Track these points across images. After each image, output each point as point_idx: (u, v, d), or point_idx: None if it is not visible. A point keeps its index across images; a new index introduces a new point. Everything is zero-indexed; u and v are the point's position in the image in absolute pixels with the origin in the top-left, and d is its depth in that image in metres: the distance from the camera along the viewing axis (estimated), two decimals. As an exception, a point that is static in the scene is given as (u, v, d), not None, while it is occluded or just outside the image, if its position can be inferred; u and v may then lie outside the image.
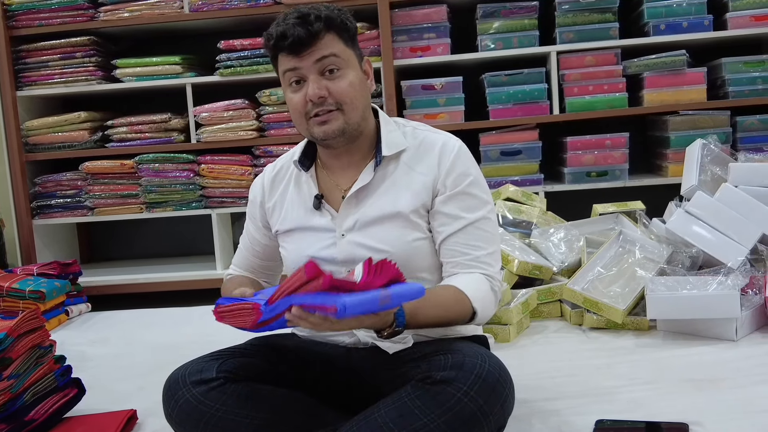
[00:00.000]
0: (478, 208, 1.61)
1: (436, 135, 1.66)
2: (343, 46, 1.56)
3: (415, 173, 1.61)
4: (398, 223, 1.59)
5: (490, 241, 1.61)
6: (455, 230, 1.59)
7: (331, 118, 1.55)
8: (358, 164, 1.65)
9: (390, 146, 1.62)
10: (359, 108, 1.58)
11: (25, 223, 3.54)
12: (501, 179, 3.33)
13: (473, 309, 1.53)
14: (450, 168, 1.60)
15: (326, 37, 1.53)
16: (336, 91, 1.54)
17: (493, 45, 3.37)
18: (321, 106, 1.55)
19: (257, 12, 3.36)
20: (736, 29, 3.27)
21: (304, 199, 1.67)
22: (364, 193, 1.62)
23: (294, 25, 1.51)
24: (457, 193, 1.60)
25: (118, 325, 2.98)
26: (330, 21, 1.53)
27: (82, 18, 3.48)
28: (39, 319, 1.85)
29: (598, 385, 1.92)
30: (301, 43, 1.51)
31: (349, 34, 1.59)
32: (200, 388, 1.48)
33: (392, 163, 1.63)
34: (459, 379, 1.36)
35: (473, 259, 1.58)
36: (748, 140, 3.31)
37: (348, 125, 1.57)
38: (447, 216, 1.59)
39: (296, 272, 1.30)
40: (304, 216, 1.66)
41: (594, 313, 2.38)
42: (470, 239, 1.59)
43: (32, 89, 3.53)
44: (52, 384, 1.86)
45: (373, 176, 1.61)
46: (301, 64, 1.53)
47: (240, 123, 3.42)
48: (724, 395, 1.80)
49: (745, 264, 2.32)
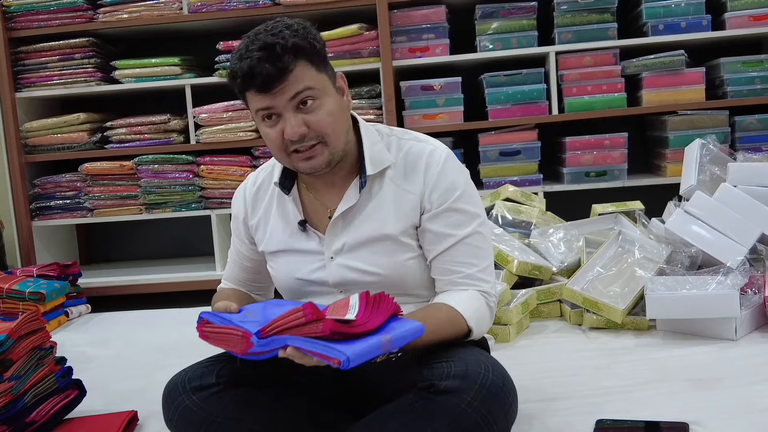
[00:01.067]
0: (467, 224, 1.56)
1: (421, 144, 1.59)
2: (315, 72, 1.45)
3: (401, 191, 1.56)
4: (388, 245, 1.56)
5: (482, 257, 1.57)
6: (445, 248, 1.55)
7: (315, 153, 1.48)
8: (342, 183, 1.58)
9: (374, 163, 1.55)
10: (342, 135, 1.51)
11: (25, 225, 3.54)
12: (500, 179, 3.33)
13: (468, 327, 1.51)
14: (435, 182, 1.54)
15: (297, 69, 1.42)
16: (316, 125, 1.45)
17: (492, 45, 3.37)
18: (302, 142, 1.46)
19: (256, 13, 3.36)
20: (735, 29, 3.27)
21: (288, 221, 1.63)
22: (351, 215, 1.57)
23: (260, 60, 1.39)
24: (444, 210, 1.55)
25: (118, 326, 2.98)
26: (298, 49, 1.42)
27: (81, 19, 3.48)
28: (39, 321, 1.85)
29: (597, 385, 1.92)
30: (272, 81, 1.40)
31: (320, 57, 1.47)
32: (200, 394, 1.48)
33: (377, 181, 1.57)
34: (463, 389, 1.35)
35: (465, 276, 1.55)
36: (747, 140, 3.32)
37: (333, 155, 1.50)
38: (435, 234, 1.55)
39: (294, 311, 1.28)
40: (290, 238, 1.62)
41: (593, 313, 2.39)
42: (461, 257, 1.55)
43: (31, 91, 3.53)
44: (53, 385, 1.86)
45: (359, 198, 1.56)
46: (274, 103, 1.44)
47: (239, 124, 3.42)
48: (723, 395, 1.81)
49: (745, 263, 2.32)
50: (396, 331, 1.31)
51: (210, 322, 1.41)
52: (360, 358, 1.24)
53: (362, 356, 1.24)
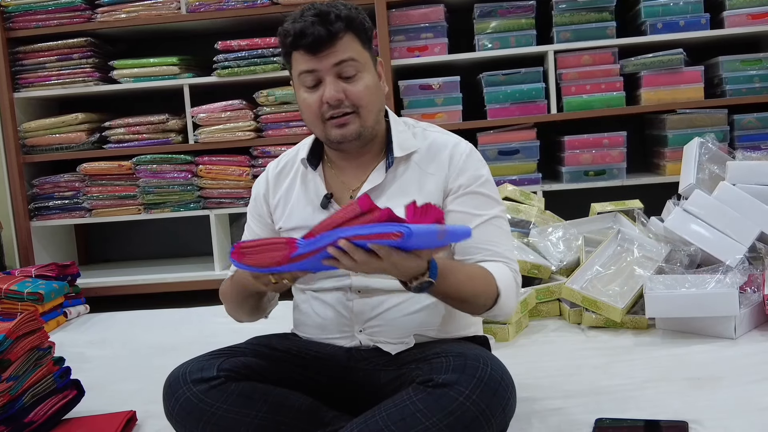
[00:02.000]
0: (492, 207, 1.60)
1: (446, 136, 1.66)
2: (361, 47, 1.54)
3: (426, 174, 1.60)
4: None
5: (507, 238, 1.61)
6: (473, 227, 1.55)
7: (347, 121, 1.54)
8: (367, 164, 1.63)
9: (402, 147, 1.61)
10: (374, 111, 1.57)
11: (23, 225, 3.53)
12: (499, 179, 3.33)
13: (498, 290, 1.50)
14: (462, 168, 1.60)
15: (345, 38, 1.50)
16: (353, 94, 1.52)
17: (491, 44, 3.37)
18: (337, 108, 1.52)
19: (254, 13, 3.36)
20: (733, 28, 3.27)
21: (310, 198, 1.65)
22: (375, 194, 1.59)
23: (313, 23, 1.47)
24: (469, 192, 1.59)
25: (116, 326, 2.97)
26: (350, 21, 1.51)
27: (79, 19, 3.47)
28: (37, 321, 1.85)
29: (597, 384, 1.92)
30: (321, 43, 1.48)
31: (367, 35, 1.56)
32: (201, 386, 1.48)
33: (403, 165, 1.61)
34: (461, 383, 1.35)
35: (493, 254, 1.56)
36: (746, 138, 3.32)
37: (364, 128, 1.55)
38: (462, 214, 1.58)
39: (345, 206, 1.28)
40: (312, 214, 1.63)
41: (593, 312, 2.38)
42: (489, 235, 1.58)
43: (29, 91, 3.52)
44: (52, 385, 1.85)
45: (384, 177, 1.60)
46: (319, 66, 1.50)
47: (238, 124, 3.42)
48: (723, 393, 1.80)
49: (744, 262, 2.32)
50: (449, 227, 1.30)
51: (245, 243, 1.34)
52: (421, 236, 1.22)
53: (423, 235, 1.23)
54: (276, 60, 3.37)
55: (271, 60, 3.37)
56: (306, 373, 1.60)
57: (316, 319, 1.65)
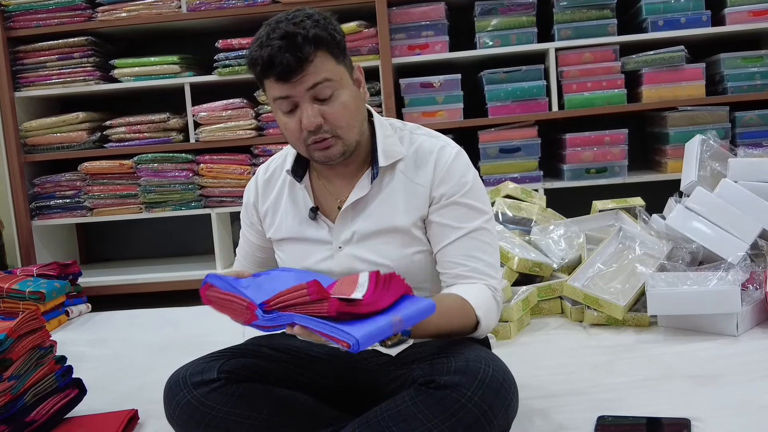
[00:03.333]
0: (474, 219, 1.56)
1: (433, 140, 1.61)
2: (334, 64, 1.47)
3: (412, 184, 1.57)
4: (397, 237, 1.57)
5: (489, 252, 1.57)
6: (450, 241, 1.55)
7: (329, 144, 1.49)
8: (353, 174, 1.60)
9: (387, 155, 1.57)
10: (356, 127, 1.53)
11: (24, 224, 3.53)
12: (500, 176, 3.33)
13: (477, 319, 1.50)
14: (444, 176, 1.56)
15: (316, 60, 1.43)
16: (331, 117, 1.47)
17: (491, 42, 3.36)
18: (317, 133, 1.48)
19: (255, 11, 3.36)
20: (734, 25, 3.27)
21: (299, 209, 1.63)
22: (361, 205, 1.58)
23: (280, 49, 1.40)
24: (451, 203, 1.56)
25: (118, 325, 2.97)
26: (318, 40, 1.43)
27: (80, 18, 3.47)
28: (39, 320, 1.84)
29: (599, 382, 1.91)
30: (291, 71, 1.42)
31: (339, 48, 1.49)
32: (201, 389, 1.48)
33: (389, 173, 1.59)
34: (463, 384, 1.35)
35: (471, 270, 1.54)
36: (747, 135, 3.31)
37: (347, 147, 1.52)
38: (442, 226, 1.56)
39: (299, 287, 1.26)
40: (299, 226, 1.63)
41: (594, 310, 2.38)
42: (467, 250, 1.55)
43: (30, 90, 3.52)
44: (53, 385, 1.85)
45: (370, 188, 1.58)
46: (292, 92, 1.45)
47: (238, 122, 3.42)
48: (725, 391, 1.80)
49: (746, 259, 2.32)
50: (408, 310, 1.29)
51: (214, 286, 1.38)
52: (370, 340, 1.21)
53: (372, 338, 1.22)
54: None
55: (272, 58, 3.36)
56: (306, 373, 1.59)
57: None
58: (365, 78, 1.61)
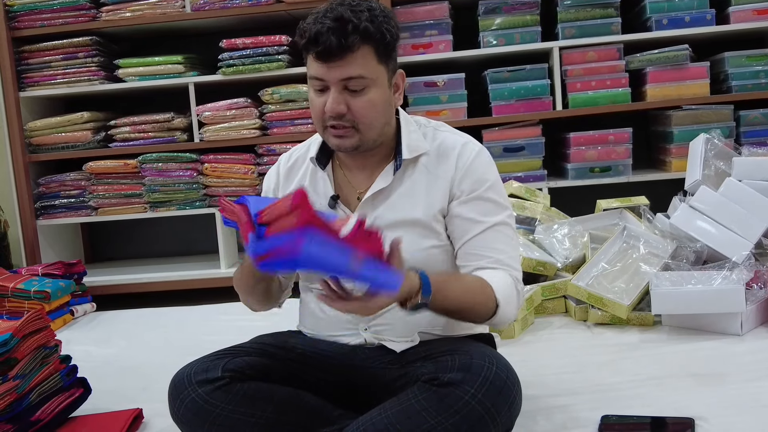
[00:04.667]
0: (497, 213, 1.57)
1: (455, 136, 1.62)
2: (376, 62, 1.48)
3: (433, 177, 1.58)
4: (415, 229, 1.56)
5: (511, 245, 1.58)
6: (475, 234, 1.55)
7: (346, 134, 1.50)
8: (376, 166, 1.60)
9: (411, 149, 1.58)
10: (377, 127, 1.53)
11: (29, 224, 3.54)
12: (504, 176, 3.32)
13: (497, 302, 1.49)
14: (467, 171, 1.57)
15: (359, 53, 1.44)
16: (356, 110, 1.48)
17: (495, 41, 3.36)
18: (338, 119, 1.49)
19: (259, 11, 3.36)
20: (739, 23, 3.26)
21: (319, 197, 1.63)
22: (382, 196, 1.58)
23: (329, 30, 1.41)
24: (474, 197, 1.56)
25: (122, 324, 2.97)
26: (368, 34, 1.44)
27: (84, 18, 3.48)
28: (44, 320, 1.85)
29: (603, 381, 1.91)
30: (332, 54, 1.43)
31: (386, 48, 1.49)
32: (206, 387, 1.48)
33: (411, 167, 1.59)
34: (467, 382, 1.35)
35: (495, 261, 1.54)
36: (752, 134, 3.30)
37: (363, 143, 1.53)
38: (465, 220, 1.56)
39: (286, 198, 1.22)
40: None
41: (598, 309, 2.38)
42: (491, 242, 1.55)
43: (35, 90, 3.53)
44: (58, 384, 1.86)
45: (392, 180, 1.58)
46: (327, 76, 1.46)
47: (243, 122, 3.42)
48: (729, 390, 1.80)
49: (750, 258, 2.32)
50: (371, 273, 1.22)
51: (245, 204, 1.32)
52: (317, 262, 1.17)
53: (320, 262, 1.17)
54: (281, 58, 3.37)
55: (276, 58, 3.37)
56: (311, 371, 1.59)
57: (321, 316, 1.65)
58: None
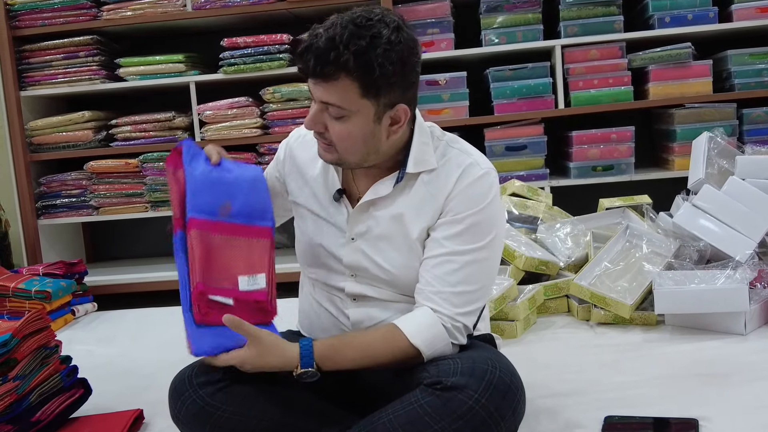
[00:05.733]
0: (469, 243, 1.47)
1: (464, 156, 1.53)
2: (358, 96, 1.39)
3: (431, 195, 1.51)
4: (408, 245, 1.53)
5: (466, 282, 1.47)
6: (431, 255, 1.49)
7: (327, 149, 1.48)
8: (379, 173, 1.55)
9: (417, 163, 1.51)
10: (357, 154, 1.47)
11: (30, 224, 3.53)
12: (506, 174, 3.31)
13: (414, 347, 1.44)
14: (462, 193, 1.49)
15: (339, 83, 1.37)
16: (332, 132, 1.44)
17: (497, 39, 3.35)
18: (318, 135, 1.47)
19: (260, 9, 3.34)
20: (742, 21, 3.24)
21: (327, 185, 1.59)
22: (377, 206, 1.55)
23: (316, 50, 1.36)
24: (454, 220, 1.49)
25: (124, 324, 2.97)
26: (346, 68, 1.35)
27: (85, 17, 3.47)
28: (44, 320, 1.84)
29: (606, 381, 1.91)
30: (311, 74, 1.39)
31: (376, 85, 1.38)
32: (207, 389, 1.47)
33: (413, 180, 1.53)
34: (470, 386, 1.34)
35: (435, 292, 1.47)
36: (755, 132, 3.29)
37: (343, 162, 1.49)
38: (432, 240, 1.51)
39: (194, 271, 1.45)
40: (324, 204, 1.60)
41: (601, 309, 2.37)
42: (442, 271, 1.48)
43: (36, 89, 3.52)
44: (58, 384, 1.85)
45: (391, 191, 1.53)
46: (312, 89, 1.43)
47: (244, 121, 3.41)
48: (733, 390, 1.79)
49: (753, 257, 2.30)
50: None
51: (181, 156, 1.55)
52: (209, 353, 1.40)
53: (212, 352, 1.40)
54: (282, 57, 3.36)
55: (278, 57, 3.36)
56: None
57: (317, 321, 1.65)
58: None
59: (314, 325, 1.68)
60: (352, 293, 1.59)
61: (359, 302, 1.59)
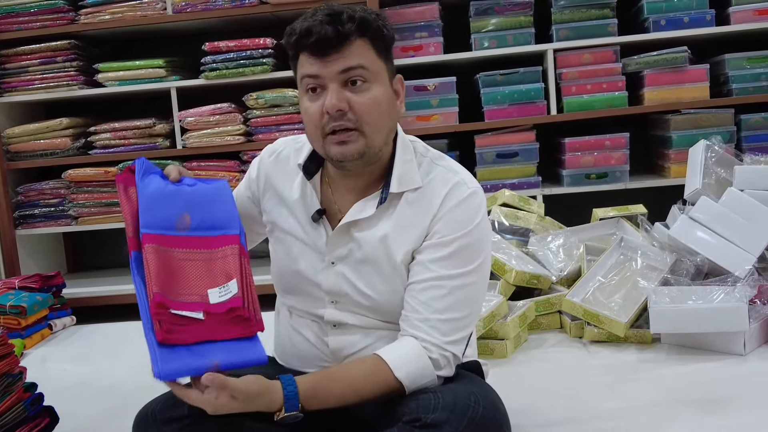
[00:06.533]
0: (456, 267, 1.41)
1: (450, 175, 1.46)
2: (375, 56, 1.38)
3: (415, 216, 1.44)
4: (392, 269, 1.45)
5: (454, 308, 1.40)
6: (417, 280, 1.42)
7: (349, 139, 1.37)
8: (363, 190, 1.48)
9: (401, 182, 1.44)
10: (383, 131, 1.41)
11: (8, 234, 3.44)
12: (497, 182, 3.23)
13: (398, 380, 1.36)
14: (447, 214, 1.42)
15: (357, 43, 1.35)
16: (358, 106, 1.36)
17: (488, 43, 3.26)
18: (339, 121, 1.36)
19: (242, 12, 3.25)
20: (739, 24, 3.16)
21: (306, 204, 1.51)
22: (360, 226, 1.46)
23: (322, 23, 1.34)
24: (440, 243, 1.41)
25: (103, 339, 2.89)
26: (365, 24, 1.36)
27: (62, 21, 3.37)
28: (6, 346, 1.76)
29: (598, 407, 1.83)
30: (328, 45, 1.33)
31: (384, 44, 1.40)
32: (171, 426, 1.38)
33: (396, 200, 1.45)
34: (451, 422, 1.26)
35: (422, 320, 1.39)
36: (753, 139, 3.21)
37: (369, 149, 1.39)
38: (417, 263, 1.43)
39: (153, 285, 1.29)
40: (302, 225, 1.51)
41: (595, 326, 2.28)
42: (428, 297, 1.40)
43: (12, 95, 3.42)
44: (22, 414, 1.76)
45: (374, 212, 1.45)
46: (323, 71, 1.36)
47: (227, 128, 3.31)
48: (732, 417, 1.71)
49: (753, 273, 2.22)
50: (233, 357, 1.28)
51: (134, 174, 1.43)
52: (175, 376, 1.26)
53: (179, 375, 1.25)
54: (266, 61, 3.26)
55: (261, 61, 3.26)
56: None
57: (293, 349, 1.57)
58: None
59: (290, 353, 1.59)
60: (332, 320, 1.50)
61: (340, 329, 1.51)
